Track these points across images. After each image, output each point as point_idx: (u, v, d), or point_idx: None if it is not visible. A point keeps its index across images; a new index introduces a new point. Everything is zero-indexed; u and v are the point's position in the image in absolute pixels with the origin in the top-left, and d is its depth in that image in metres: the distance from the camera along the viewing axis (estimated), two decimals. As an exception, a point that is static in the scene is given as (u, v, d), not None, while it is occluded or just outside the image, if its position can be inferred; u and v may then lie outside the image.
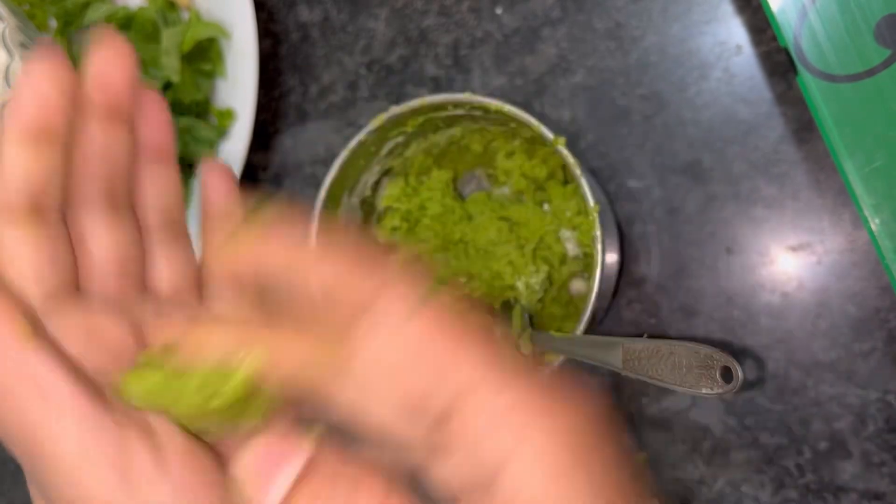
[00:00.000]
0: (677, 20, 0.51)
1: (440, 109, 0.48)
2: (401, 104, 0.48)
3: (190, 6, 0.61)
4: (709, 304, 0.50)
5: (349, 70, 0.60)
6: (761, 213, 0.49)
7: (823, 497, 0.48)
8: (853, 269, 0.47)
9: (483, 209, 0.52)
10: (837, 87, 0.43)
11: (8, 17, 0.58)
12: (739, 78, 0.50)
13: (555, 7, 0.54)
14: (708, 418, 0.50)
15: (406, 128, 0.50)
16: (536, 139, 0.51)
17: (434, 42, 0.57)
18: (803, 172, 0.48)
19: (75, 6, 0.64)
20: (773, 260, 0.49)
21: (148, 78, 0.59)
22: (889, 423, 0.47)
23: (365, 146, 0.50)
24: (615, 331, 0.52)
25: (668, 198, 0.51)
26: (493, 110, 0.46)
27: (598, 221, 0.44)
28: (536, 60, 0.54)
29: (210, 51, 0.60)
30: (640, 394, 0.52)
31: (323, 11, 0.61)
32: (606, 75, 0.53)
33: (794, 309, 0.48)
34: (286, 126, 0.62)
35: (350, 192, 0.52)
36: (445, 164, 0.54)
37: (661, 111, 0.51)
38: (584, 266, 0.50)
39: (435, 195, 0.52)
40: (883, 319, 0.47)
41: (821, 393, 0.48)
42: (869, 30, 0.42)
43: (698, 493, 0.50)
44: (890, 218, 0.42)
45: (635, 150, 0.52)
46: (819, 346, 0.48)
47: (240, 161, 0.59)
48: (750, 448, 0.49)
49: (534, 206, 0.51)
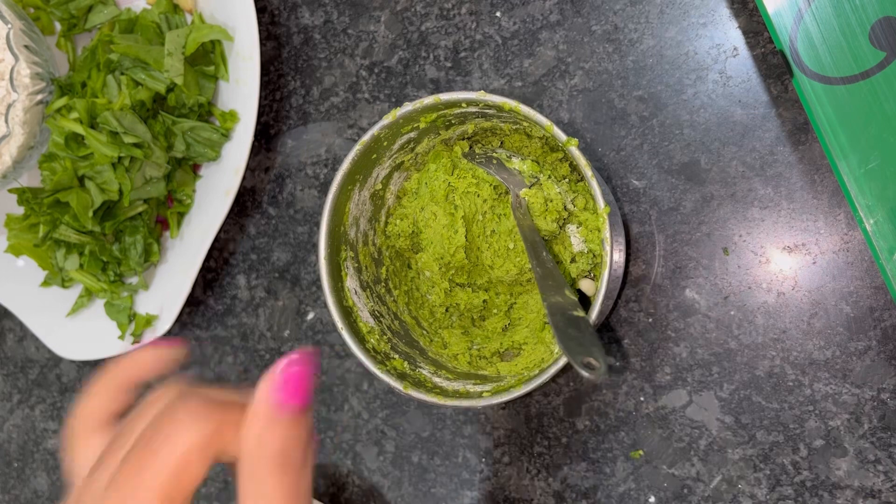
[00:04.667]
0: (674, 23, 0.52)
1: (453, 107, 0.48)
2: (414, 101, 0.48)
3: (193, 9, 0.62)
4: (705, 303, 0.51)
5: (350, 72, 0.60)
6: (757, 214, 0.50)
7: (819, 494, 0.48)
8: (848, 269, 0.48)
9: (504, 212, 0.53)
10: (833, 89, 0.43)
11: (13, 20, 0.59)
12: (736, 80, 0.50)
13: (553, 10, 0.55)
14: (704, 416, 0.51)
15: (418, 124, 0.50)
16: (548, 139, 0.51)
17: (434, 45, 0.58)
18: (799, 173, 0.49)
19: (79, 9, 0.64)
20: (768, 259, 0.49)
21: (151, 80, 0.59)
22: (883, 421, 0.47)
23: (378, 141, 0.50)
24: (615, 330, 0.53)
25: (665, 198, 0.52)
26: (507, 110, 0.46)
27: (608, 223, 0.44)
28: (535, 63, 0.55)
29: (213, 53, 0.61)
30: (637, 392, 0.52)
31: (324, 14, 0.61)
32: (604, 78, 0.53)
33: (789, 308, 0.49)
34: (288, 127, 0.62)
35: (361, 185, 0.52)
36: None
37: (658, 113, 0.52)
38: (590, 263, 0.51)
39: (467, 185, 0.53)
40: (877, 318, 0.47)
41: (816, 391, 0.48)
42: (864, 32, 0.43)
43: (694, 491, 0.51)
44: (884, 218, 0.42)
45: (633, 151, 0.52)
46: (814, 344, 0.48)
47: (242, 162, 0.59)
48: (746, 446, 0.50)
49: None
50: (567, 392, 0.54)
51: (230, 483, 0.64)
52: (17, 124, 0.59)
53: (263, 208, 0.63)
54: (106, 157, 0.57)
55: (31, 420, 0.71)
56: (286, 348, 0.62)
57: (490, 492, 0.56)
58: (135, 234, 0.62)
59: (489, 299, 0.54)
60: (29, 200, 0.61)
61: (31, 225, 0.63)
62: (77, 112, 0.58)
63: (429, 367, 0.51)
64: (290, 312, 0.62)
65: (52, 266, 0.64)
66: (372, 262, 0.54)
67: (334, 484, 0.61)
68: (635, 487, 0.52)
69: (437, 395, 0.48)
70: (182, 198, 0.62)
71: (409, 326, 0.54)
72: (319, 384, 0.61)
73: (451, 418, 0.58)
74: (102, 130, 0.58)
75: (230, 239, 0.64)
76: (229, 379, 0.64)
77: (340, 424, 0.61)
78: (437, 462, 0.58)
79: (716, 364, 0.50)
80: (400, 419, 0.59)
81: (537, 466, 0.55)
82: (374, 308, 0.53)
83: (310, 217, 0.62)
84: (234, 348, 0.64)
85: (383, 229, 0.55)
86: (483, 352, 0.53)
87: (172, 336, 0.66)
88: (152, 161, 0.59)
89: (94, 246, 0.61)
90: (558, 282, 0.46)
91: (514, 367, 0.51)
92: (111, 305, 0.64)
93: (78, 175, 0.59)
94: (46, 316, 0.67)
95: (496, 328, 0.54)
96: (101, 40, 0.61)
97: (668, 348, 0.51)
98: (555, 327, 0.41)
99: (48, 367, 0.71)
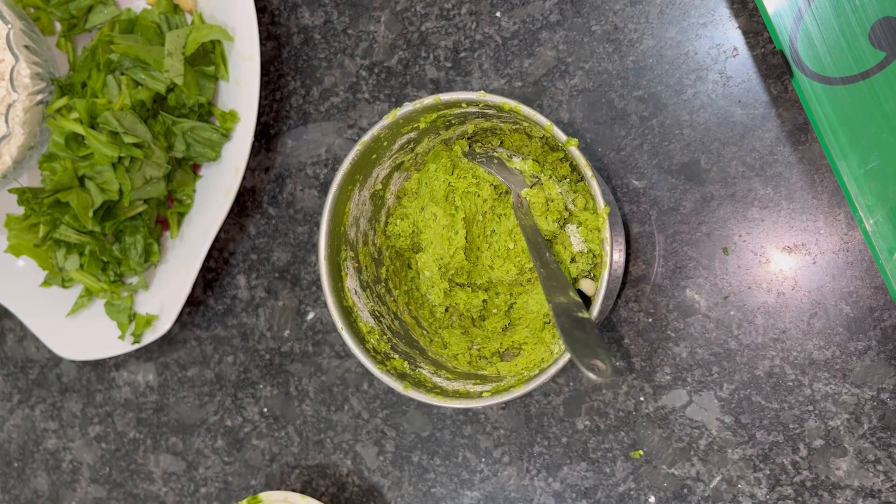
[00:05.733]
0: (674, 23, 0.52)
1: (453, 107, 0.48)
2: (414, 101, 0.48)
3: (193, 9, 0.62)
4: (705, 303, 0.51)
5: (350, 72, 0.60)
6: (757, 214, 0.50)
7: (819, 494, 0.48)
8: (848, 269, 0.48)
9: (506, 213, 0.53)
10: (833, 90, 0.43)
11: (13, 20, 0.59)
12: (735, 80, 0.50)
13: (553, 10, 0.55)
14: (704, 416, 0.51)
15: (418, 124, 0.50)
16: (548, 139, 0.51)
17: (434, 45, 0.58)
18: (799, 173, 0.49)
19: (79, 9, 0.64)
20: (768, 259, 0.49)
21: (151, 80, 0.59)
22: (883, 420, 0.47)
23: (378, 141, 0.50)
24: (615, 330, 0.53)
25: (665, 198, 0.52)
26: (507, 110, 0.46)
27: (608, 223, 0.44)
28: (535, 63, 0.55)
29: (213, 53, 0.61)
30: (637, 391, 0.52)
31: (324, 14, 0.61)
32: (604, 78, 0.53)
33: (789, 308, 0.49)
34: (288, 127, 0.63)
35: (361, 185, 0.52)
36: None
37: (658, 113, 0.52)
38: (590, 263, 0.51)
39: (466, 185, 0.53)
40: (877, 318, 0.47)
41: (816, 391, 0.48)
42: (864, 32, 0.43)
43: (694, 491, 0.51)
44: (884, 218, 0.42)
45: (633, 151, 0.52)
46: (814, 344, 0.48)
47: (242, 162, 0.59)
48: (746, 446, 0.50)
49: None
50: (567, 392, 0.54)
51: (230, 483, 0.64)
52: (17, 124, 0.59)
53: (263, 208, 0.63)
54: (106, 157, 0.57)
55: (31, 420, 0.72)
56: (286, 348, 0.62)
57: (490, 492, 0.56)
58: (135, 234, 0.62)
59: (489, 299, 0.54)
60: (29, 200, 0.61)
61: (31, 225, 0.63)
62: (77, 112, 0.58)
63: (429, 367, 0.51)
64: (290, 312, 0.62)
65: (52, 266, 0.64)
66: (372, 262, 0.54)
67: (334, 484, 0.61)
68: (635, 487, 0.52)
69: (437, 395, 0.48)
70: (182, 198, 0.62)
71: (409, 326, 0.54)
72: (319, 384, 0.61)
73: (451, 418, 0.58)
74: (102, 130, 0.58)
75: (230, 239, 0.64)
76: (229, 379, 0.64)
77: (340, 424, 0.61)
78: (437, 462, 0.58)
79: (716, 364, 0.50)
80: (400, 419, 0.59)
81: (537, 466, 0.55)
82: (374, 308, 0.53)
83: (310, 217, 0.62)
84: (234, 348, 0.64)
85: (383, 229, 0.55)
86: (483, 352, 0.53)
87: (172, 336, 0.66)
88: (152, 161, 0.59)
89: (95, 246, 0.61)
90: (562, 283, 0.46)
91: (514, 367, 0.51)
92: (111, 305, 0.64)
93: (78, 175, 0.59)
94: (46, 316, 0.67)
95: (496, 328, 0.54)
96: (102, 40, 0.61)
97: (668, 348, 0.51)
98: (560, 329, 0.41)
99: (48, 367, 0.71)
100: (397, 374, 0.49)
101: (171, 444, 0.66)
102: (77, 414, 0.70)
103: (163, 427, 0.67)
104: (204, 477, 0.65)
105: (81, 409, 0.70)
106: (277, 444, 0.63)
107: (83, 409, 0.70)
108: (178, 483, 0.66)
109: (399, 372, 0.50)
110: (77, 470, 0.70)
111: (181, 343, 0.66)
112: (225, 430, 0.64)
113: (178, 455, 0.66)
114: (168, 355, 0.66)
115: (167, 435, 0.66)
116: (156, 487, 0.67)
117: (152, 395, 0.67)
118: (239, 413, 0.64)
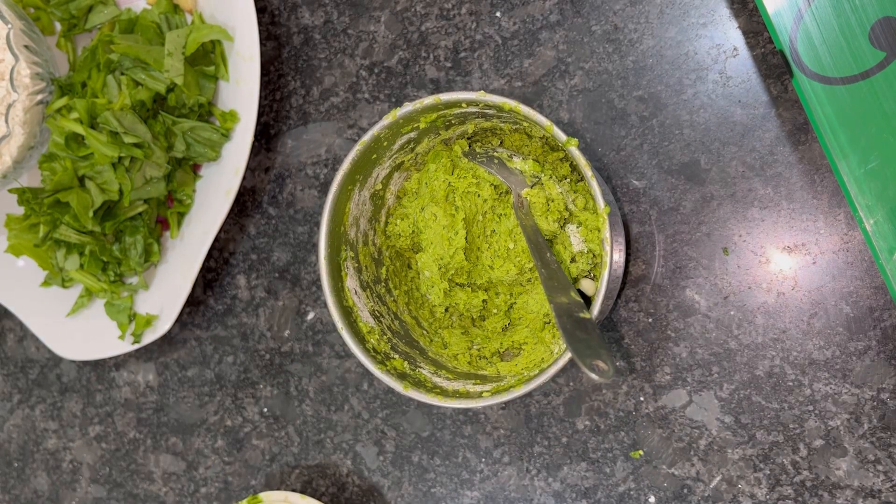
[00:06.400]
0: (674, 23, 0.52)
1: (453, 107, 0.48)
2: (414, 101, 0.48)
3: (193, 9, 0.62)
4: (705, 303, 0.51)
5: (350, 72, 0.60)
6: (757, 214, 0.50)
7: (819, 494, 0.48)
8: (848, 269, 0.48)
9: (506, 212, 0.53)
10: (832, 90, 0.43)
11: (13, 20, 0.59)
12: (735, 80, 0.50)
13: (553, 10, 0.55)
14: (704, 416, 0.51)
15: (418, 124, 0.50)
16: (548, 139, 0.51)
17: (434, 45, 0.58)
18: (798, 173, 0.49)
19: (79, 9, 0.64)
20: (768, 259, 0.49)
21: (151, 80, 0.59)
22: (883, 420, 0.47)
23: (378, 141, 0.50)
24: (615, 329, 0.53)
25: (665, 198, 0.52)
26: (507, 110, 0.46)
27: (608, 223, 0.44)
28: (535, 63, 0.55)
29: (213, 53, 0.61)
30: (637, 391, 0.52)
31: (324, 14, 0.61)
32: (604, 78, 0.53)
33: (789, 308, 0.49)
34: (288, 127, 0.63)
35: (361, 185, 0.52)
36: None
37: (658, 113, 0.52)
38: (590, 263, 0.51)
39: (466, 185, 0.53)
40: (877, 318, 0.47)
41: (816, 391, 0.48)
42: (863, 32, 0.43)
43: (694, 490, 0.51)
44: (884, 218, 0.42)
45: (633, 151, 0.52)
46: (814, 344, 0.48)
47: (242, 162, 0.59)
48: (746, 446, 0.50)
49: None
50: (567, 392, 0.54)
51: (230, 483, 0.64)
52: (17, 124, 0.59)
53: (263, 208, 0.63)
54: (106, 157, 0.57)
55: (32, 420, 0.72)
56: (286, 348, 0.62)
57: (490, 492, 0.56)
58: (135, 234, 0.62)
59: (489, 299, 0.54)
60: (29, 200, 0.61)
61: (31, 225, 0.63)
62: (77, 112, 0.58)
63: (429, 367, 0.51)
64: (290, 312, 0.62)
65: (52, 266, 0.64)
66: (372, 262, 0.54)
67: (334, 484, 0.61)
68: (635, 487, 0.52)
69: (437, 395, 0.48)
70: (182, 198, 0.62)
71: (409, 326, 0.54)
72: (319, 384, 0.61)
73: (451, 418, 0.58)
74: (102, 130, 0.58)
75: (230, 239, 0.64)
76: (229, 379, 0.64)
77: (340, 424, 0.61)
78: (437, 462, 0.58)
79: (716, 364, 0.50)
80: (400, 419, 0.59)
81: (537, 466, 0.55)
82: (374, 308, 0.53)
83: (310, 217, 0.62)
84: (234, 348, 0.64)
85: (383, 229, 0.55)
86: (483, 352, 0.53)
87: (172, 336, 0.66)
88: (152, 161, 0.59)
89: (95, 246, 0.61)
90: (563, 283, 0.46)
91: (514, 367, 0.51)
92: (111, 305, 0.64)
93: (78, 175, 0.59)
94: (46, 316, 0.67)
95: (496, 328, 0.54)
96: (102, 40, 0.61)
97: (668, 348, 0.51)
98: (562, 329, 0.41)
99: (48, 367, 0.71)
100: (397, 374, 0.49)
101: (171, 444, 0.66)
102: (77, 414, 0.70)
103: (163, 427, 0.67)
104: (204, 477, 0.65)
105: (81, 409, 0.70)
106: (277, 444, 0.63)
107: (83, 409, 0.70)
108: (178, 483, 0.66)
109: (399, 372, 0.50)
110: (77, 470, 0.70)
111: (181, 343, 0.66)
112: (225, 430, 0.64)
113: (178, 455, 0.66)
114: (168, 355, 0.66)
115: (167, 435, 0.66)
116: (156, 487, 0.67)
117: (152, 395, 0.67)
118: (239, 413, 0.64)
